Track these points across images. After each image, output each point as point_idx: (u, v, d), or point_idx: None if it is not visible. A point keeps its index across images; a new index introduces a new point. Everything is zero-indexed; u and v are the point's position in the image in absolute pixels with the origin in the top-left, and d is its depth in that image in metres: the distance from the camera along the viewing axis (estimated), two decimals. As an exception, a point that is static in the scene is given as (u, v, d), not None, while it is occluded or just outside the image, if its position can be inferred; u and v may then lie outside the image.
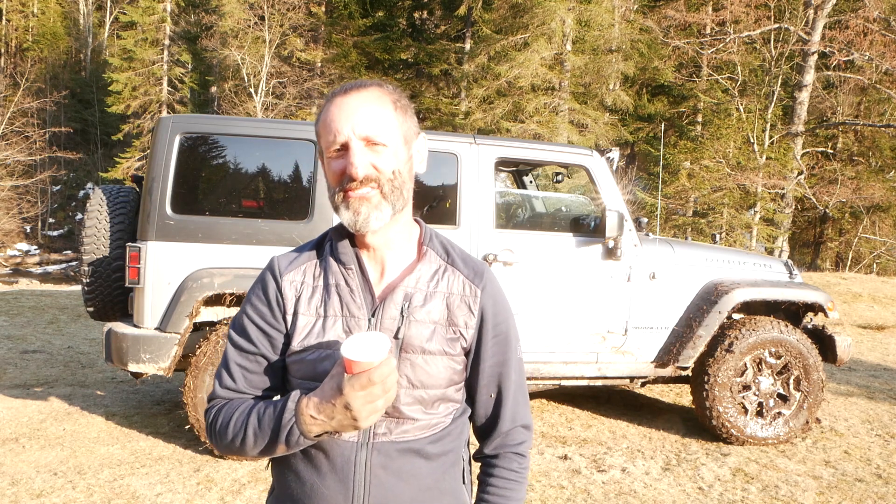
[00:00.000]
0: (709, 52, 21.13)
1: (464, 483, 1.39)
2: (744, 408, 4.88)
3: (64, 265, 29.83)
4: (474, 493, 1.42)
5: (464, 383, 1.37)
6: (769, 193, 19.26)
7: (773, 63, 20.25)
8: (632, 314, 4.84)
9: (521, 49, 18.64)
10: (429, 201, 4.73)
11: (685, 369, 4.92)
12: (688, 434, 5.12)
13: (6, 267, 28.05)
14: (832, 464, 4.62)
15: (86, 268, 4.50)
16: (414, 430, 1.28)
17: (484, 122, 19.27)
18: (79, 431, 4.85)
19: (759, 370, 4.89)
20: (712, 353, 4.82)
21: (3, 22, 38.05)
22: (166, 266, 4.26)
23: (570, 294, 4.75)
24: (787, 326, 4.91)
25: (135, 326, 4.35)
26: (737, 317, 5.18)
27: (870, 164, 23.32)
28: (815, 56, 19.92)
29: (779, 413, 4.91)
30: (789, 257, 19.46)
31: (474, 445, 1.42)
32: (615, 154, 5.20)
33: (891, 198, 21.19)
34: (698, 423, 5.13)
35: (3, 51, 37.86)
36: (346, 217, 1.26)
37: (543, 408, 5.66)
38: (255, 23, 25.45)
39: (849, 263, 21.24)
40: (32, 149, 28.73)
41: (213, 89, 30.11)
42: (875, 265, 21.77)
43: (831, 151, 23.05)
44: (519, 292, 4.62)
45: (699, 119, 23.05)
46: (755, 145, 19.29)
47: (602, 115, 20.64)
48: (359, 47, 25.54)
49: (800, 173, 19.86)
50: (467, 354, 1.34)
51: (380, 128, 1.24)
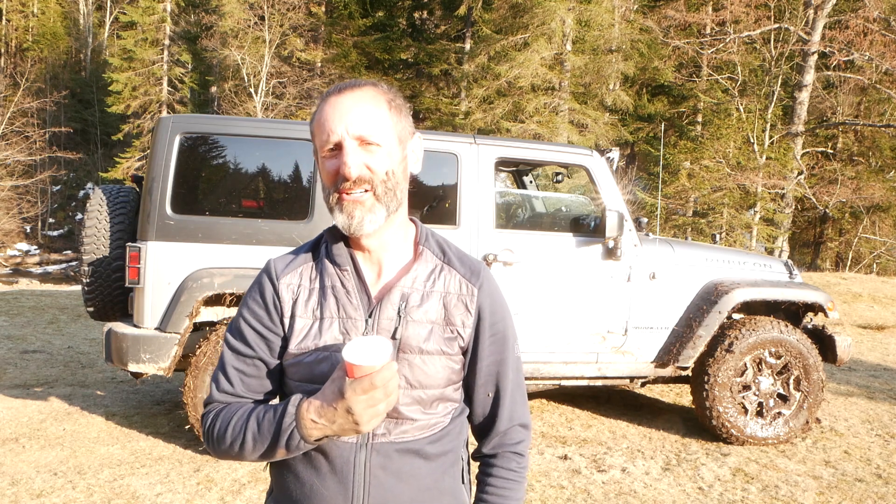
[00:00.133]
0: (709, 52, 21.13)
1: (463, 483, 1.39)
2: (744, 408, 4.88)
3: (64, 265, 29.83)
4: (473, 492, 1.42)
5: (462, 383, 1.36)
6: (769, 193, 19.26)
7: (773, 63, 20.25)
8: (632, 314, 4.84)
9: (521, 49, 18.64)
10: (429, 201, 4.73)
11: (685, 369, 4.92)
12: (688, 434, 5.12)
13: (6, 267, 28.05)
14: (832, 464, 4.62)
15: (86, 268, 4.50)
16: (413, 431, 1.28)
17: (484, 122, 19.27)
18: (79, 431, 4.85)
19: (759, 370, 4.89)
20: (712, 353, 4.82)
21: (3, 22, 38.05)
22: (166, 266, 4.26)
23: (570, 294, 4.75)
24: (787, 326, 4.91)
25: (135, 326, 4.35)
26: (737, 317, 5.18)
27: (870, 164, 23.32)
28: (815, 56, 19.92)
29: (779, 413, 4.91)
30: (789, 257, 19.46)
31: (473, 445, 1.42)
32: (615, 154, 5.20)
33: (891, 198, 21.19)
34: (698, 423, 5.13)
35: (3, 51, 37.86)
36: (340, 220, 1.25)
37: (543, 408, 5.66)
38: (255, 23, 25.46)
39: (849, 263, 21.24)
40: (32, 149, 28.73)
41: (213, 89, 30.12)
42: (875, 265, 21.77)
43: (831, 151, 23.05)
44: (519, 292, 4.62)
45: (699, 119, 23.05)
46: (755, 145, 19.29)
47: (602, 115, 20.64)
48: (359, 47, 25.55)
49: (800, 173, 19.86)
50: (465, 354, 1.33)
51: (374, 127, 1.24)
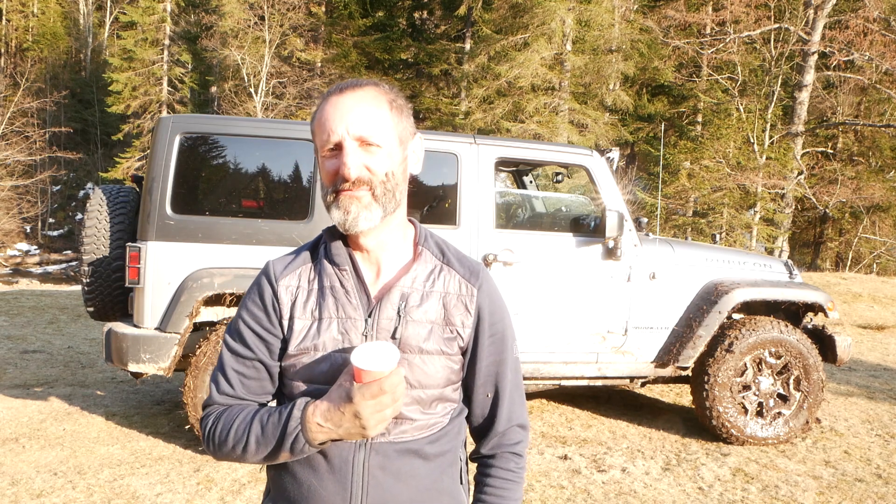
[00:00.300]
0: (709, 52, 21.13)
1: (461, 483, 1.39)
2: (744, 408, 4.88)
3: (64, 265, 29.83)
4: (471, 493, 1.42)
5: (461, 383, 1.36)
6: (769, 193, 19.26)
7: (773, 63, 20.25)
8: (632, 314, 4.84)
9: (521, 49, 18.64)
10: (429, 201, 4.73)
11: (685, 369, 4.92)
12: (688, 434, 5.12)
13: (6, 267, 28.05)
14: (832, 464, 4.62)
15: (86, 268, 4.50)
16: (412, 431, 1.28)
17: (484, 122, 19.27)
18: (79, 431, 4.85)
19: (759, 370, 4.89)
20: (712, 353, 4.82)
21: (3, 22, 38.06)
22: (166, 266, 4.26)
23: (570, 294, 4.75)
24: (787, 326, 4.91)
25: (135, 326, 4.35)
26: (737, 317, 5.18)
27: (870, 164, 23.32)
28: (815, 56, 19.92)
29: (779, 413, 4.91)
30: (789, 257, 19.46)
31: (471, 446, 1.42)
32: (615, 154, 5.20)
33: (891, 198, 21.19)
34: (698, 423, 5.13)
35: (3, 51, 37.87)
36: (336, 216, 1.25)
37: (543, 408, 5.66)
38: (255, 23, 25.46)
39: (849, 263, 21.24)
40: (32, 149, 28.74)
41: (213, 89, 30.12)
42: (875, 265, 21.77)
43: (831, 151, 23.05)
44: (519, 292, 4.62)
45: (699, 119, 23.05)
46: (755, 145, 19.29)
47: (602, 115, 20.64)
48: (359, 47, 25.55)
49: (800, 173, 19.86)
50: (464, 354, 1.33)
51: (374, 128, 1.23)
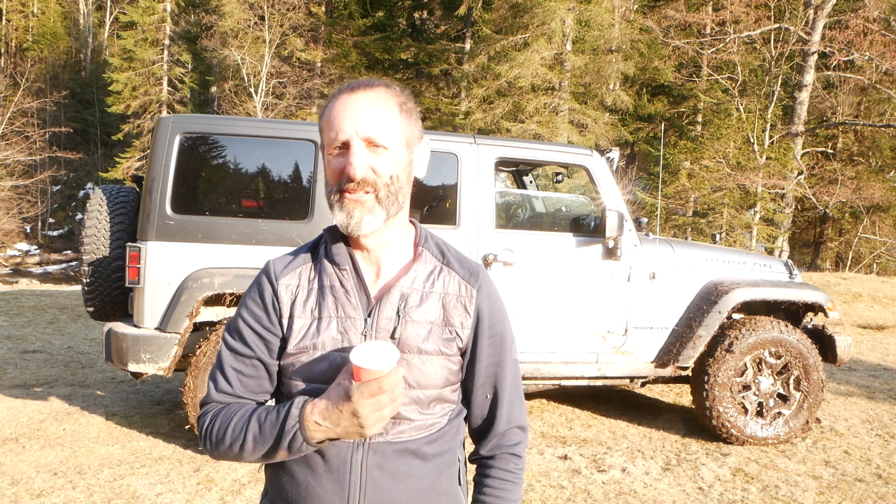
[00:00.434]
0: (709, 52, 21.12)
1: (459, 484, 1.39)
2: (744, 408, 4.88)
3: (64, 265, 29.83)
4: (470, 493, 1.42)
5: (460, 384, 1.36)
6: (769, 193, 19.26)
7: (773, 63, 20.25)
8: (632, 314, 4.84)
9: (521, 49, 18.64)
10: (429, 201, 4.73)
11: (685, 369, 4.92)
12: (688, 434, 5.12)
13: (6, 267, 28.05)
14: (832, 464, 4.62)
15: (86, 268, 4.50)
16: (410, 431, 1.28)
17: (484, 122, 19.27)
18: (79, 431, 4.85)
19: (759, 370, 4.89)
20: (712, 353, 4.82)
21: (3, 22, 38.05)
22: (166, 266, 4.26)
23: (570, 294, 4.75)
24: (787, 326, 4.91)
25: (135, 326, 4.35)
26: (737, 317, 5.18)
27: (870, 164, 23.32)
28: (815, 56, 19.92)
29: (779, 413, 4.91)
30: (789, 257, 19.46)
31: (470, 447, 1.42)
32: (615, 154, 5.20)
33: (891, 198, 21.19)
34: (698, 423, 5.13)
35: (3, 51, 37.86)
36: (339, 218, 1.25)
37: (543, 408, 5.66)
38: (255, 23, 25.46)
39: (849, 263, 21.24)
40: (32, 149, 28.74)
41: (213, 89, 30.12)
42: (875, 265, 21.76)
43: (831, 151, 23.05)
44: (519, 292, 4.62)
45: (699, 119, 23.04)
46: (755, 145, 19.29)
47: (602, 115, 20.64)
48: (359, 47, 25.54)
49: (800, 173, 19.86)
50: (463, 355, 1.33)
51: (383, 130, 1.23)
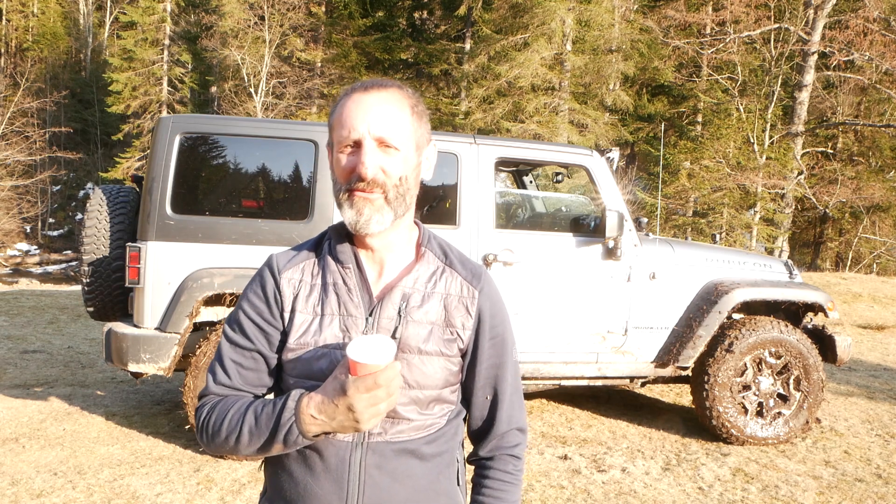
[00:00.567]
0: (709, 52, 21.12)
1: (458, 484, 1.39)
2: (744, 408, 4.88)
3: (64, 265, 29.83)
4: (469, 494, 1.42)
5: (459, 385, 1.36)
6: (769, 193, 19.26)
7: (773, 63, 20.25)
8: (632, 314, 4.84)
9: (521, 49, 18.64)
10: (429, 201, 4.73)
11: (685, 369, 4.92)
12: (688, 434, 5.12)
13: (6, 267, 28.05)
14: (832, 464, 4.62)
15: (86, 268, 4.50)
16: (409, 431, 1.28)
17: (484, 122, 19.27)
18: (79, 431, 4.85)
19: (759, 370, 4.89)
20: (712, 353, 4.82)
21: (3, 22, 38.06)
22: (166, 266, 4.26)
23: (570, 294, 4.75)
24: (787, 326, 4.91)
25: (135, 326, 4.35)
26: (737, 317, 5.18)
27: (870, 164, 23.32)
28: (815, 56, 19.92)
29: (779, 413, 4.91)
30: (789, 257, 19.46)
31: (469, 448, 1.42)
32: (615, 154, 5.20)
33: (891, 198, 21.19)
34: (698, 423, 5.13)
35: (3, 51, 37.87)
36: (348, 216, 1.25)
37: (543, 408, 5.66)
38: (255, 23, 25.46)
39: (849, 263, 21.23)
40: (32, 149, 28.74)
41: (213, 89, 30.12)
42: (875, 265, 21.76)
43: (831, 151, 23.05)
44: (519, 292, 4.62)
45: (699, 119, 23.05)
46: (755, 145, 19.29)
47: (602, 115, 20.65)
48: (359, 47, 25.55)
49: (800, 173, 19.86)
50: (463, 356, 1.34)
51: (395, 131, 1.24)
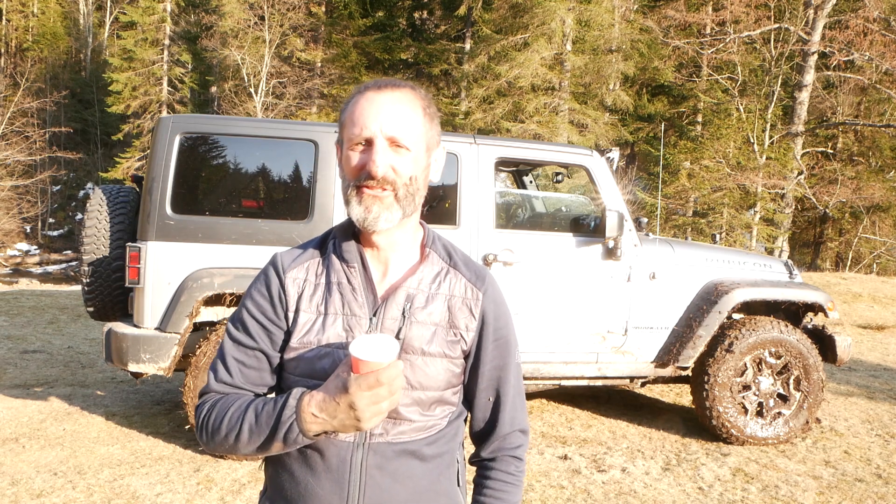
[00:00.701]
0: (709, 52, 21.12)
1: (458, 485, 1.39)
2: (744, 408, 4.88)
3: (64, 265, 29.83)
4: (469, 494, 1.42)
5: (462, 387, 1.36)
6: (769, 193, 19.26)
7: (773, 63, 20.24)
8: (632, 314, 4.84)
9: (521, 49, 18.64)
10: (429, 201, 4.73)
11: (685, 369, 4.92)
12: (688, 434, 5.12)
13: (6, 267, 28.05)
14: (832, 464, 4.62)
15: (86, 268, 4.50)
16: (410, 432, 1.28)
17: (484, 122, 19.27)
18: (79, 431, 4.85)
19: (759, 370, 4.89)
20: (712, 353, 4.82)
21: (3, 22, 38.05)
22: (166, 266, 4.26)
23: (570, 294, 4.75)
24: (787, 326, 4.91)
25: (135, 326, 4.35)
26: (737, 317, 5.18)
27: (870, 164, 23.32)
28: (815, 56, 19.92)
29: (779, 413, 4.91)
30: (789, 257, 19.46)
31: (469, 448, 1.42)
32: (615, 154, 5.20)
33: (891, 198, 21.19)
34: (698, 423, 5.13)
35: (3, 51, 37.86)
36: (356, 212, 1.25)
37: (543, 408, 5.66)
38: (255, 23, 25.46)
39: (849, 263, 21.23)
40: (32, 149, 28.74)
41: (213, 89, 30.13)
42: (875, 265, 21.76)
43: (831, 151, 23.05)
44: (519, 292, 4.62)
45: (699, 119, 23.05)
46: (755, 145, 19.29)
47: (602, 115, 20.65)
48: (359, 47, 25.55)
49: (800, 173, 19.86)
50: (466, 358, 1.34)
51: (407, 131, 1.24)
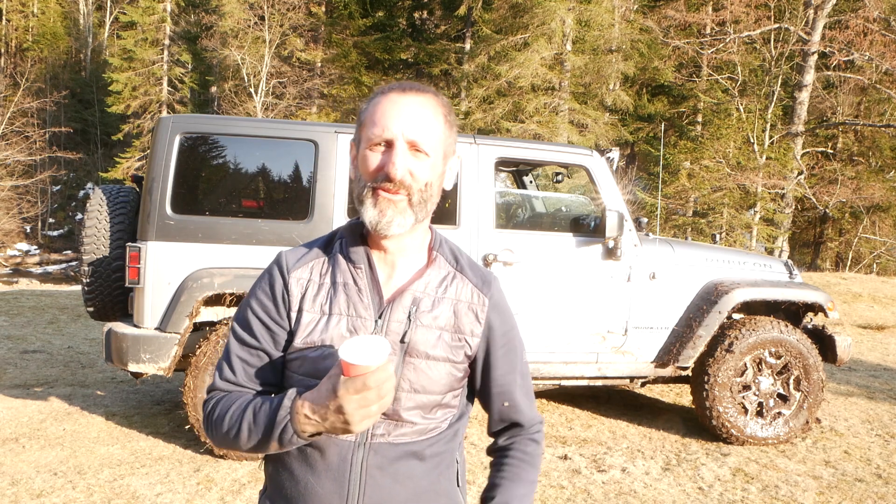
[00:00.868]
0: (709, 52, 21.12)
1: (458, 485, 1.39)
2: (744, 408, 4.88)
3: (64, 265, 29.83)
4: (469, 495, 1.42)
5: (462, 390, 1.37)
6: (769, 193, 19.26)
7: (773, 63, 20.25)
8: (632, 314, 4.84)
9: (521, 49, 18.64)
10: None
11: (685, 369, 4.92)
12: (688, 434, 5.12)
13: (6, 267, 28.05)
14: (832, 464, 4.62)
15: (86, 268, 4.50)
16: (412, 434, 1.28)
17: (484, 122, 19.27)
18: (79, 431, 4.84)
19: (759, 370, 4.89)
20: (712, 353, 4.82)
21: (3, 22, 38.05)
22: (166, 266, 4.26)
23: (570, 294, 4.75)
24: (787, 326, 4.91)
25: (135, 326, 4.35)
26: (737, 317, 5.18)
27: (870, 164, 23.32)
28: (815, 56, 19.92)
29: (779, 413, 4.91)
30: (789, 257, 19.46)
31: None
32: (615, 154, 5.20)
33: (891, 198, 21.19)
34: (698, 423, 5.13)
35: (3, 51, 37.86)
36: (369, 215, 1.24)
37: (543, 408, 5.66)
38: (255, 23, 25.47)
39: (849, 263, 21.23)
40: (32, 149, 28.75)
41: (213, 89, 30.14)
42: (875, 265, 21.76)
43: (831, 151, 23.05)
44: (519, 292, 4.62)
45: (699, 119, 23.05)
46: (755, 145, 19.29)
47: (602, 115, 20.65)
48: (359, 47, 25.55)
49: (800, 173, 19.86)
50: (471, 362, 1.35)
51: (427, 137, 1.24)
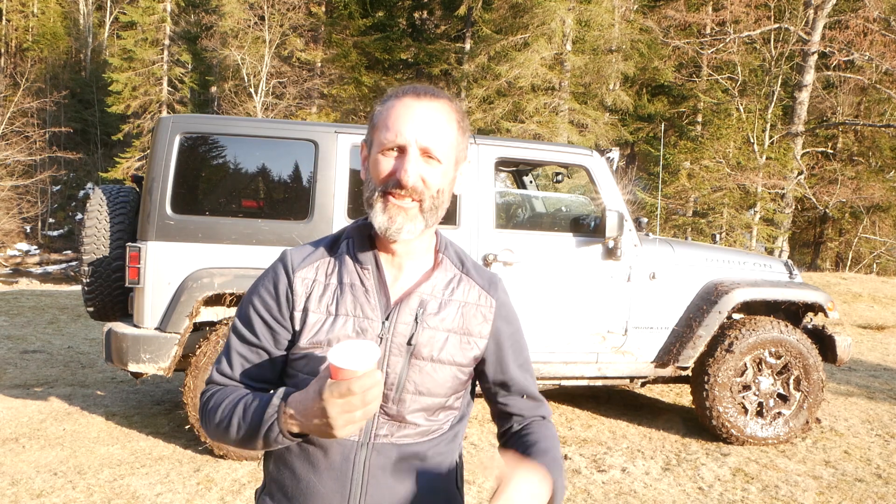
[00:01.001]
0: (709, 52, 21.13)
1: (458, 486, 1.40)
2: (744, 408, 4.88)
3: (64, 265, 29.83)
4: (468, 495, 1.43)
5: (465, 392, 1.38)
6: (769, 193, 19.26)
7: (773, 63, 20.25)
8: (632, 314, 4.84)
9: (521, 49, 18.64)
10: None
11: (685, 369, 4.92)
12: (688, 434, 5.12)
13: (6, 267, 28.05)
14: (832, 464, 4.62)
15: (86, 268, 4.50)
16: (414, 435, 1.29)
17: (484, 122, 19.27)
18: (79, 431, 4.85)
19: (759, 370, 4.89)
20: (712, 353, 4.82)
21: (3, 22, 38.06)
22: (166, 266, 4.26)
23: (570, 294, 4.75)
24: (787, 326, 4.91)
25: (135, 326, 4.35)
26: (737, 317, 5.18)
27: (870, 164, 23.32)
28: (815, 56, 19.92)
29: (779, 413, 4.91)
30: (789, 257, 19.46)
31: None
32: (615, 154, 5.20)
33: (891, 198, 21.19)
34: (698, 423, 5.13)
35: (3, 51, 37.87)
36: (379, 220, 1.24)
37: (543, 408, 5.66)
38: (255, 23, 25.47)
39: (849, 263, 21.24)
40: (32, 149, 28.75)
41: (213, 89, 30.14)
42: (875, 265, 21.77)
43: (831, 151, 23.05)
44: (519, 292, 4.62)
45: (699, 119, 23.05)
46: (755, 145, 19.29)
47: (602, 115, 20.65)
48: (359, 47, 25.55)
49: (800, 173, 19.86)
50: (478, 364, 1.36)
51: (441, 143, 1.24)
